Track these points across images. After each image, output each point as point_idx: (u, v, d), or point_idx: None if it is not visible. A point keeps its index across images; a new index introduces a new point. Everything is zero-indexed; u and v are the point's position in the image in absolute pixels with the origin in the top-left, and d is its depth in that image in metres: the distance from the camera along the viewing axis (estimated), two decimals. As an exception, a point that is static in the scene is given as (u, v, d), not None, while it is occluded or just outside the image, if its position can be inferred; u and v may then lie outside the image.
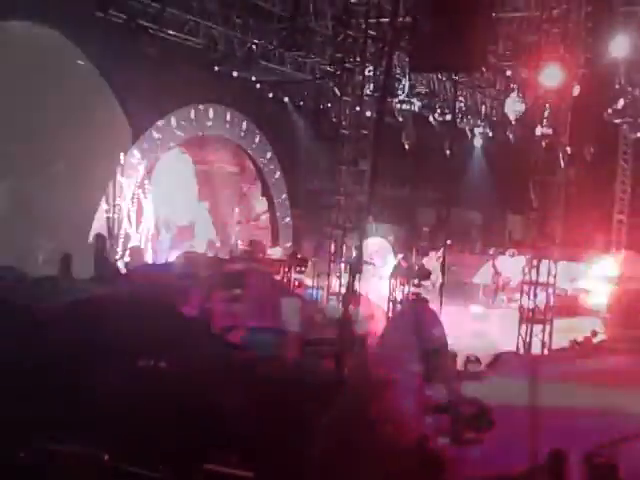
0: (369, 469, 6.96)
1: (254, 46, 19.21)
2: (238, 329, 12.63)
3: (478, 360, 13.20)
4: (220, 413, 10.03)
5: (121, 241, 18.04)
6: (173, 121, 20.78)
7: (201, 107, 21.41)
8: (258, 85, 20.74)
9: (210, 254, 19.18)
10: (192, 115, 21.33)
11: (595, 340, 14.34)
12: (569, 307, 19.35)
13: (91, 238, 17.54)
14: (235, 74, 19.71)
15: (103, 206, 17.84)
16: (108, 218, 17.37)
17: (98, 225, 17.92)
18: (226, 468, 8.05)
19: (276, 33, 19.23)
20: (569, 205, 15.72)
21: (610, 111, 19.91)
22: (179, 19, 18.02)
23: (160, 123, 20.29)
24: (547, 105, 14.28)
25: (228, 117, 22.35)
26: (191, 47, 18.49)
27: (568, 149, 15.00)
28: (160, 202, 20.49)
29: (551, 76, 13.91)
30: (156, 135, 20.31)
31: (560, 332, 17.25)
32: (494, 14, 16.12)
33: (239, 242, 20.18)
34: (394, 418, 8.59)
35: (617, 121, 21.25)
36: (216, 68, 19.01)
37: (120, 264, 16.69)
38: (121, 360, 10.86)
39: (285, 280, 18.34)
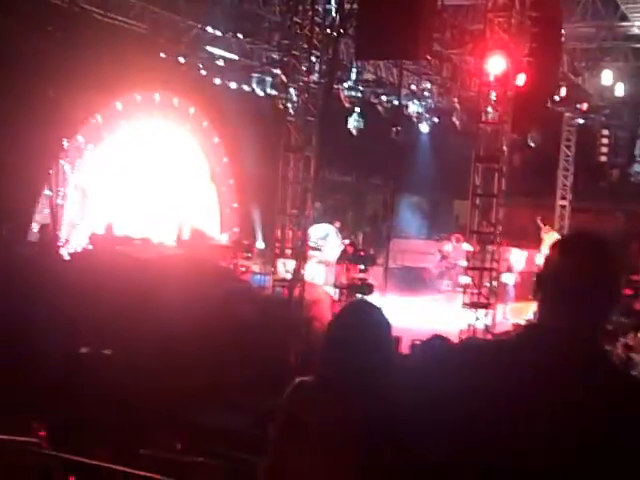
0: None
1: (200, 32, 19.08)
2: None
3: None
4: (165, 396, 10.05)
5: (65, 228, 17.79)
6: (119, 106, 20.57)
7: (147, 93, 21.23)
8: (204, 71, 20.59)
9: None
10: (138, 101, 21.14)
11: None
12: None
13: (35, 226, 17.32)
14: (181, 60, 19.54)
15: (46, 193, 17.57)
16: (51, 205, 17.11)
17: (42, 212, 17.71)
18: (170, 453, 8.08)
19: (222, 19, 19.10)
20: (514, 191, 15.97)
21: (555, 99, 20.21)
22: (124, 4, 17.79)
23: (105, 109, 20.07)
24: (492, 92, 14.44)
25: (175, 103, 22.20)
26: (136, 32, 18.29)
27: (512, 136, 15.23)
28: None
29: (496, 64, 14.05)
30: (101, 121, 20.09)
31: (514, 315, 17.69)
32: (440, 2, 16.24)
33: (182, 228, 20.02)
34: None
35: (560, 109, 21.59)
36: (162, 54, 18.79)
37: (64, 251, 16.45)
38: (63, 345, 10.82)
39: (231, 266, 18.34)
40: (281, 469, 2.98)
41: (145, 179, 21.51)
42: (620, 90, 21.09)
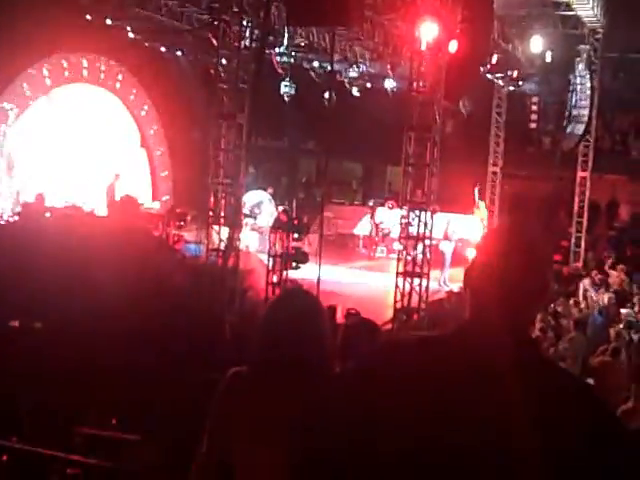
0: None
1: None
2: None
3: (358, 313, 13.44)
4: (99, 372, 9.90)
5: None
6: (44, 70, 20.01)
7: (74, 56, 20.68)
8: (133, 34, 20.09)
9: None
10: (65, 64, 20.58)
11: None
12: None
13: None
14: (109, 22, 19.00)
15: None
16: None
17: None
18: (106, 431, 7.97)
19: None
20: (446, 158, 16.04)
21: (487, 67, 20.33)
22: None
23: (30, 71, 19.51)
24: (423, 60, 14.40)
25: (103, 67, 21.68)
26: (61, -8, 17.71)
27: (444, 103, 15.24)
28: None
29: (428, 31, 13.99)
30: (25, 84, 19.53)
31: (452, 281, 17.93)
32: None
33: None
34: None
35: (491, 77, 21.72)
36: (88, 16, 18.23)
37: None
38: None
39: (164, 235, 18.10)
40: (215, 467, 2.94)
41: (74, 145, 21.04)
42: (549, 57, 21.34)
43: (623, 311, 13.12)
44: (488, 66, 20.08)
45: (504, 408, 2.01)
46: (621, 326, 12.02)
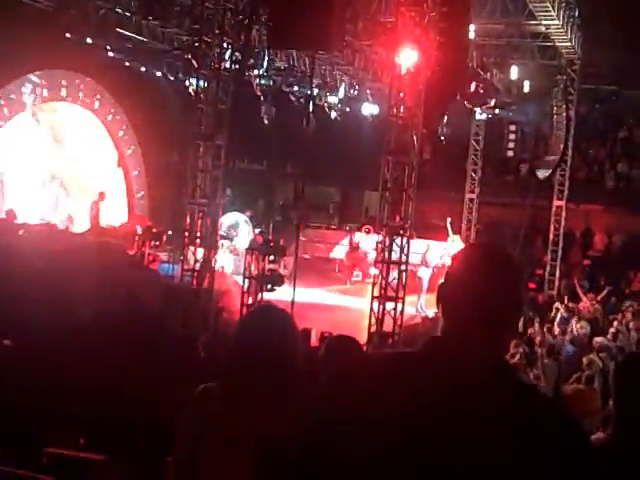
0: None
1: (109, 12, 18.54)
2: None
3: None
4: (68, 391, 9.76)
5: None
6: (23, 87, 19.91)
7: (52, 73, 20.60)
8: (112, 54, 20.05)
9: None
10: (44, 82, 20.49)
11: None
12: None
13: None
14: (89, 41, 18.94)
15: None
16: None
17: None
18: (72, 451, 7.83)
19: (132, 0, 18.60)
20: (424, 184, 16.09)
21: (465, 94, 20.51)
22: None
23: (7, 88, 19.41)
24: (403, 85, 14.48)
25: (82, 86, 21.60)
26: (41, 10, 17.62)
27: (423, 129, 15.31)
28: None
29: (407, 57, 14.08)
30: (3, 101, 19.42)
31: (428, 306, 17.96)
32: (353, -8, 16.26)
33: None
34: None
35: (468, 104, 21.90)
36: (68, 35, 18.16)
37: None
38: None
39: (139, 254, 18.00)
40: None
41: (50, 163, 20.93)
42: (527, 86, 21.61)
43: (597, 339, 13.16)
44: (466, 93, 20.25)
45: (476, 424, 1.98)
46: (595, 355, 12.03)
